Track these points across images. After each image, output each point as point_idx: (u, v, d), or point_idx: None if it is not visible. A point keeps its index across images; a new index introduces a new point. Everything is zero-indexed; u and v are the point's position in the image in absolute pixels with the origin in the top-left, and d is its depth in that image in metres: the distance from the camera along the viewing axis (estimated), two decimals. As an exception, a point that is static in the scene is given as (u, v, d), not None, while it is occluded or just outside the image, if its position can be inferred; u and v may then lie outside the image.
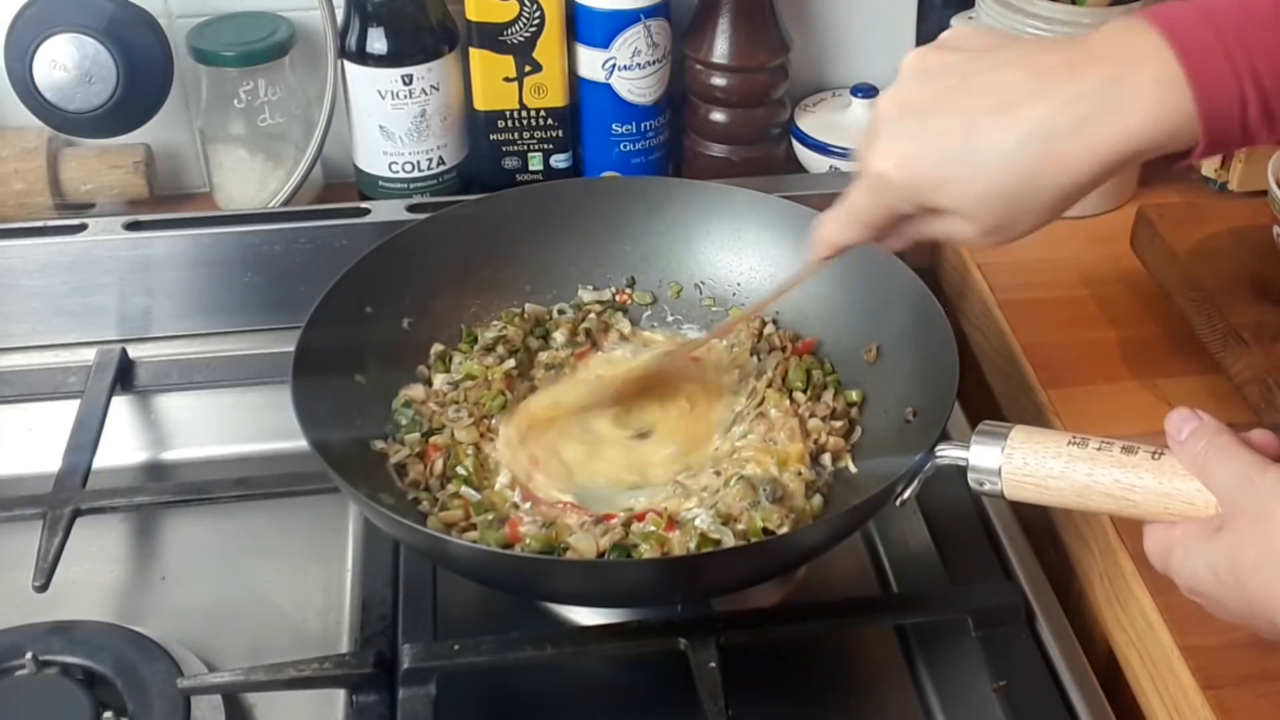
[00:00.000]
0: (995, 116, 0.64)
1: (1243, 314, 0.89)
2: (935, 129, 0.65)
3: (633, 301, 1.00)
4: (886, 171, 0.67)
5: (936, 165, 0.66)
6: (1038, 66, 0.64)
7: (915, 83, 0.68)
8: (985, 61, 0.66)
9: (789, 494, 0.84)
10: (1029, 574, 0.85)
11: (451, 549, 0.76)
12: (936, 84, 0.66)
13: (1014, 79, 0.64)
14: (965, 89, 0.65)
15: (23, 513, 0.88)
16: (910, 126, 0.67)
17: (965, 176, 0.65)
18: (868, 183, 0.69)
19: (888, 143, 0.67)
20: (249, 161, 1.13)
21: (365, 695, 0.77)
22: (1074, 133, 0.62)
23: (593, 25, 1.10)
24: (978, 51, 0.67)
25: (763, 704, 0.81)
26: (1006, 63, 0.65)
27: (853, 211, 0.72)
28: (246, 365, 1.01)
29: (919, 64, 0.68)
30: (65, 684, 0.78)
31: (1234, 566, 0.58)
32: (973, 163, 0.64)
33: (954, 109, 0.65)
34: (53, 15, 1.04)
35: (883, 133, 0.68)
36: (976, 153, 0.64)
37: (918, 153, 0.66)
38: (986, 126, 0.64)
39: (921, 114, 0.66)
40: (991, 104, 0.64)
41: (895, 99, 0.68)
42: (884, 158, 0.67)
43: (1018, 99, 0.63)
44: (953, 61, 0.67)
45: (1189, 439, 0.62)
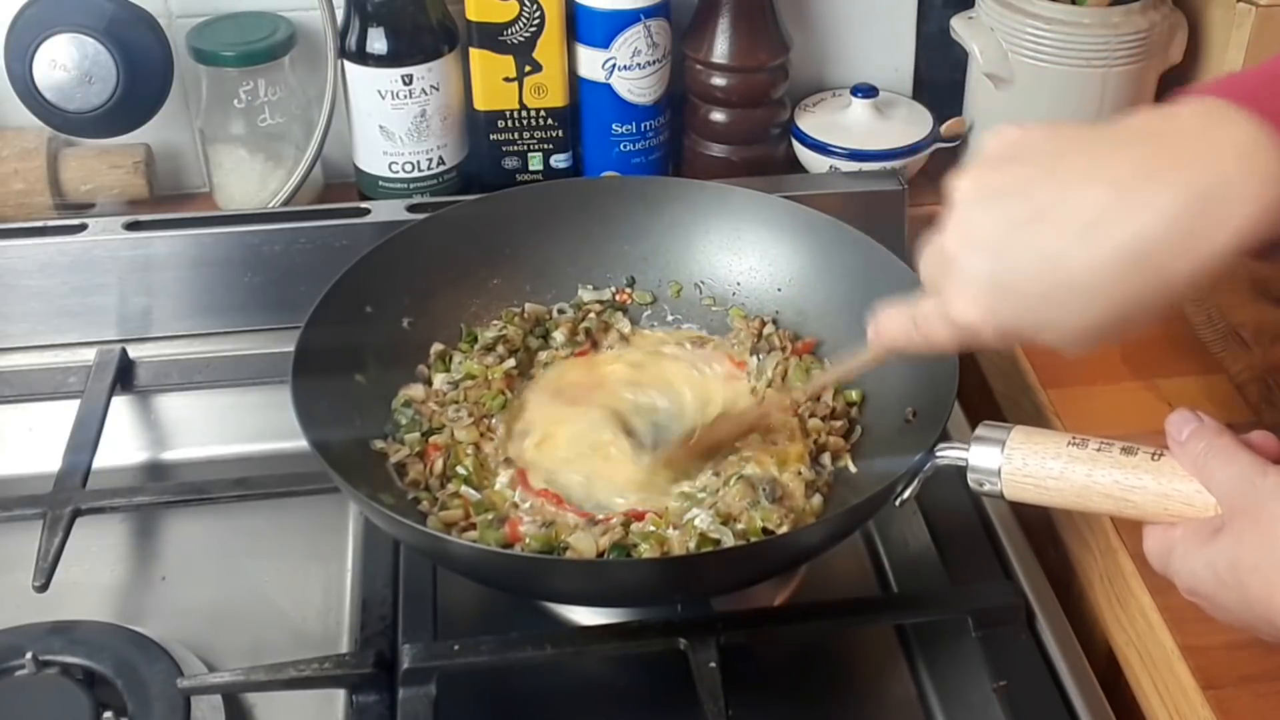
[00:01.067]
0: (1085, 248, 0.57)
1: (1243, 314, 0.89)
2: (1017, 269, 0.59)
3: (633, 301, 1.00)
4: (973, 323, 0.61)
5: (1027, 309, 0.60)
6: (1120, 180, 0.57)
7: (976, 211, 0.61)
8: (1054, 178, 0.59)
9: (789, 494, 0.84)
10: (1029, 574, 0.85)
11: (451, 549, 0.76)
12: (1001, 211, 0.60)
13: (1096, 198, 0.57)
14: (1039, 216, 0.58)
15: (23, 513, 0.88)
16: (987, 268, 0.60)
17: (1061, 314, 0.59)
18: (949, 324, 0.63)
19: (966, 289, 0.61)
20: (249, 161, 1.13)
21: (365, 695, 0.77)
22: (1176, 249, 0.56)
23: (593, 25, 1.10)
24: (1039, 166, 0.60)
25: (763, 704, 0.81)
26: (1080, 178, 0.58)
27: (929, 339, 0.66)
28: (246, 365, 1.01)
29: (974, 187, 0.62)
30: (65, 684, 0.78)
31: (1234, 567, 0.58)
32: (1068, 302, 0.58)
33: (1035, 245, 0.58)
34: (53, 15, 1.04)
35: (957, 274, 0.61)
36: (1071, 291, 0.58)
37: (1004, 299, 0.60)
38: (1077, 262, 0.57)
39: (995, 251, 0.60)
40: (1074, 231, 0.57)
41: (960, 234, 0.61)
42: (967, 308, 0.61)
43: (1103, 221, 0.57)
44: (1015, 182, 0.60)
45: (1189, 440, 0.62)
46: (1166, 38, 1.12)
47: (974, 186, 0.62)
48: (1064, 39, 1.09)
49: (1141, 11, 1.10)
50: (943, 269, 0.63)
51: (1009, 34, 1.12)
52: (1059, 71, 1.10)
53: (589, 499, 0.84)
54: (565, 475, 0.85)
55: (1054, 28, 1.09)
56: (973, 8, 1.17)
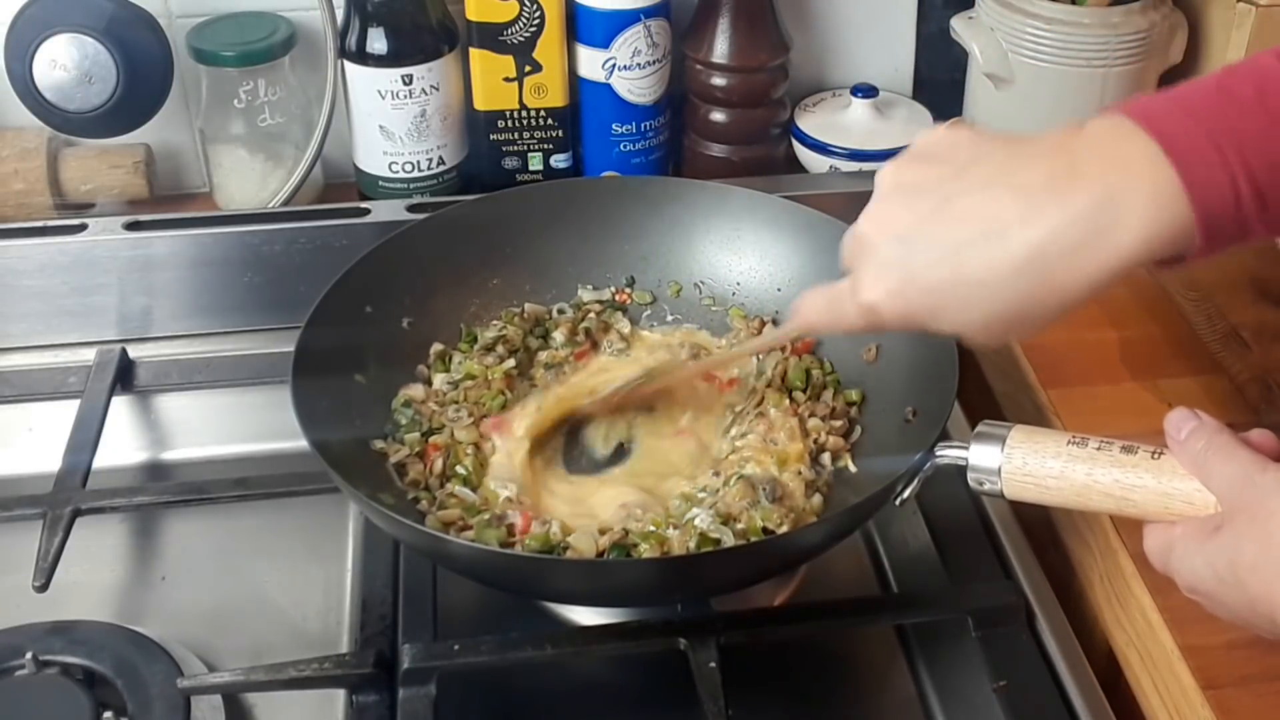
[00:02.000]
0: (983, 245, 0.60)
1: (1243, 314, 0.89)
2: (919, 260, 0.62)
3: (632, 301, 1.00)
4: (877, 304, 0.65)
5: (927, 297, 0.63)
6: (1023, 186, 0.60)
7: (895, 203, 0.64)
8: (965, 180, 0.62)
9: (788, 493, 0.84)
10: (1029, 574, 0.85)
11: (451, 548, 0.76)
12: (917, 205, 0.63)
13: (999, 202, 0.61)
14: (948, 213, 0.62)
15: (23, 513, 0.88)
16: (895, 255, 0.63)
17: (957, 308, 0.62)
18: (856, 306, 0.66)
19: (874, 272, 0.64)
20: (249, 161, 1.13)
21: (365, 695, 0.77)
22: (1069, 257, 0.59)
23: (593, 25, 1.10)
24: (955, 165, 0.63)
25: (763, 704, 0.81)
26: (988, 181, 0.62)
27: (840, 318, 0.69)
28: (246, 365, 1.01)
29: (895, 180, 0.65)
30: (65, 684, 0.78)
31: (1233, 565, 0.58)
32: (964, 295, 0.62)
33: (938, 238, 0.62)
34: (53, 15, 1.04)
35: (867, 259, 0.65)
36: (967, 285, 0.61)
37: (906, 286, 0.63)
38: (975, 258, 0.60)
39: (905, 240, 0.63)
40: (976, 231, 0.60)
41: (876, 221, 0.65)
42: (872, 290, 0.65)
43: (1005, 225, 0.60)
44: (931, 178, 0.63)
45: (1188, 439, 0.62)
46: (1166, 38, 1.12)
47: (895, 178, 0.65)
48: (1064, 39, 1.09)
49: (1141, 11, 1.10)
50: (858, 252, 0.66)
51: (1009, 34, 1.12)
52: (1059, 71, 1.10)
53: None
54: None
55: (1054, 28, 1.09)
56: (973, 8, 1.17)
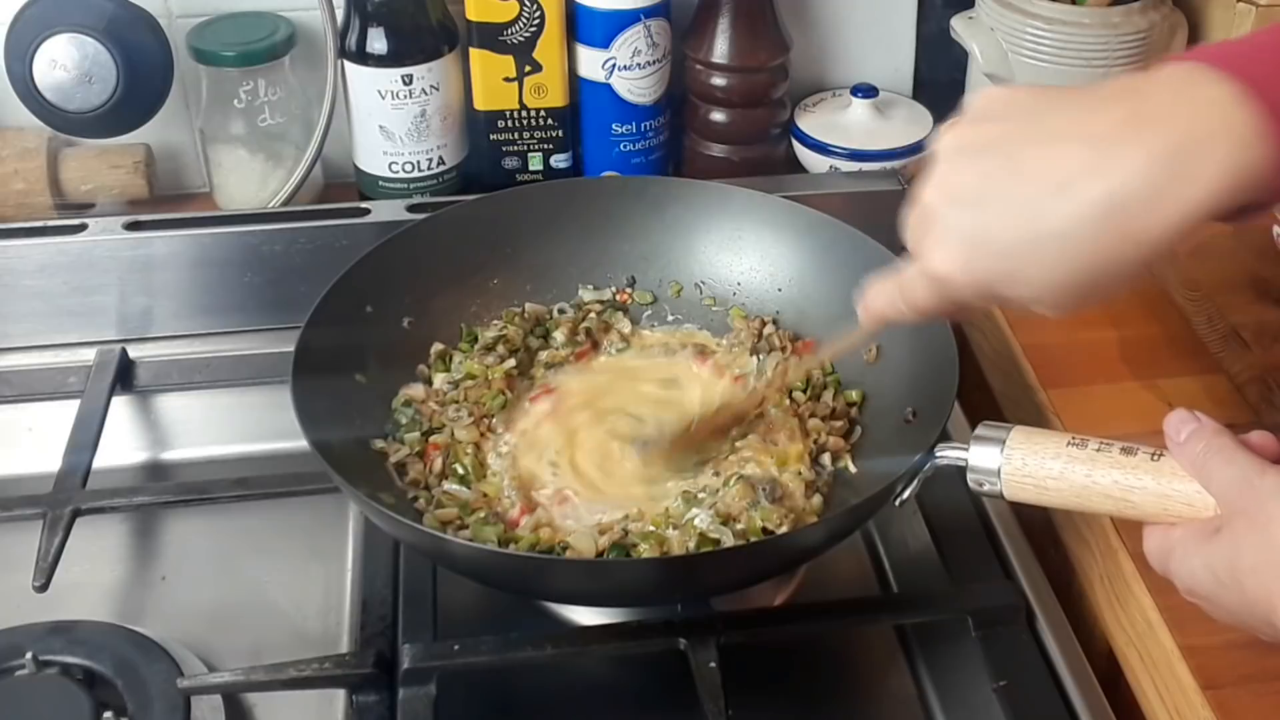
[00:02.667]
0: (1056, 198, 0.58)
1: (1243, 314, 0.89)
2: (994, 221, 0.60)
3: (633, 301, 1.00)
4: (950, 274, 0.62)
5: (1003, 260, 0.60)
6: (1092, 134, 0.58)
7: (957, 166, 0.62)
8: (1031, 133, 0.60)
9: (788, 494, 0.84)
10: (1029, 574, 0.85)
11: (452, 548, 0.76)
12: (982, 165, 0.61)
13: (1071, 154, 0.58)
14: (1018, 170, 0.59)
15: (23, 513, 0.88)
16: (965, 220, 0.61)
17: (1033, 268, 0.60)
18: (929, 281, 0.64)
19: (944, 240, 0.62)
20: (249, 161, 1.13)
21: (365, 695, 0.77)
22: (1149, 205, 0.57)
23: (593, 25, 1.10)
24: (1019, 121, 0.61)
25: (763, 704, 0.81)
26: (1057, 134, 0.59)
27: (910, 299, 0.66)
28: (246, 365, 1.01)
29: (956, 143, 0.62)
30: (65, 684, 0.78)
31: (1233, 568, 0.58)
32: (1039, 253, 0.59)
33: (1007, 194, 0.59)
34: (53, 15, 1.04)
35: (935, 228, 0.62)
36: (1041, 242, 0.59)
37: (980, 250, 0.61)
38: (1048, 211, 0.58)
39: (974, 204, 0.60)
40: (1051, 185, 0.58)
41: (941, 188, 0.62)
42: (944, 259, 0.62)
43: (1080, 176, 0.57)
44: (994, 136, 0.61)
45: (1188, 441, 0.62)
46: (1166, 38, 1.12)
47: (955, 142, 0.63)
48: (1064, 39, 1.09)
49: (1141, 11, 1.10)
50: (923, 225, 0.63)
51: (1009, 34, 1.12)
52: (1059, 71, 1.10)
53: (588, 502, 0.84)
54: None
55: (1054, 28, 1.09)
56: (973, 8, 1.17)
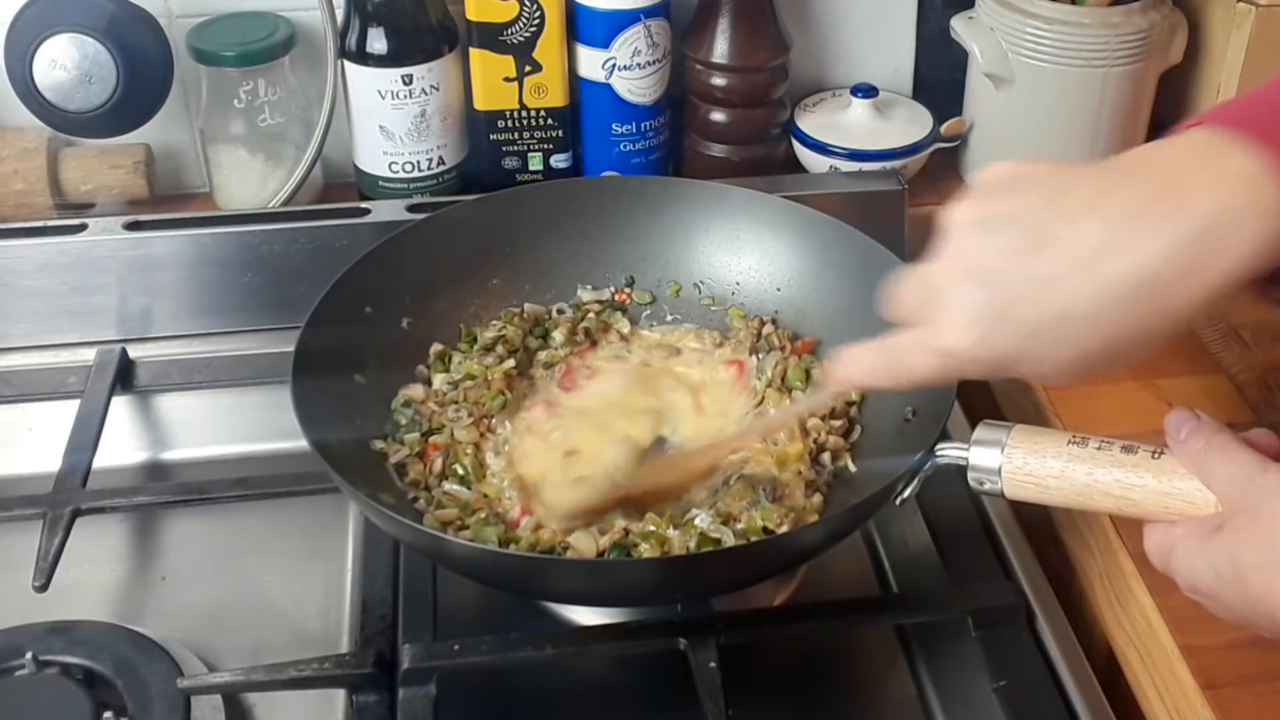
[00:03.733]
0: (1083, 278, 0.57)
1: (1243, 314, 0.89)
2: (1015, 297, 0.58)
3: (632, 301, 1.00)
4: (963, 349, 0.60)
5: (1019, 338, 0.59)
6: (1119, 212, 0.57)
7: (975, 240, 0.60)
8: (1052, 209, 0.59)
9: (789, 493, 0.84)
10: (1029, 574, 0.85)
11: (451, 548, 0.76)
12: (1000, 242, 0.59)
13: (1097, 230, 0.57)
14: (1039, 247, 0.58)
15: (23, 513, 0.88)
16: (982, 295, 0.59)
17: (1052, 346, 0.58)
18: (934, 355, 0.62)
19: (959, 316, 0.60)
20: (249, 161, 1.13)
21: (365, 695, 0.77)
22: (1178, 282, 0.56)
23: (593, 25, 1.10)
24: (1042, 195, 0.59)
25: (763, 704, 0.81)
26: (1079, 211, 0.58)
27: (906, 373, 0.64)
28: (246, 365, 1.01)
29: (973, 218, 0.61)
30: (65, 684, 0.78)
31: (1234, 564, 0.58)
32: (1061, 331, 0.58)
33: (1032, 272, 0.58)
34: (53, 15, 1.04)
35: (949, 302, 0.60)
36: (1066, 320, 0.57)
37: (997, 326, 0.59)
38: (1075, 292, 0.57)
39: (991, 280, 0.59)
40: (1075, 264, 0.57)
41: (956, 262, 0.60)
42: (959, 336, 0.60)
43: (1105, 254, 0.56)
44: (1016, 212, 0.59)
45: (1188, 438, 0.62)
46: (1166, 38, 1.12)
47: (971, 215, 0.61)
48: (1064, 39, 1.09)
49: (1141, 11, 1.10)
50: (931, 298, 0.62)
51: (1009, 34, 1.12)
52: (1059, 71, 1.10)
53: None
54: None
55: (1054, 28, 1.09)
56: (973, 8, 1.16)
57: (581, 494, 0.83)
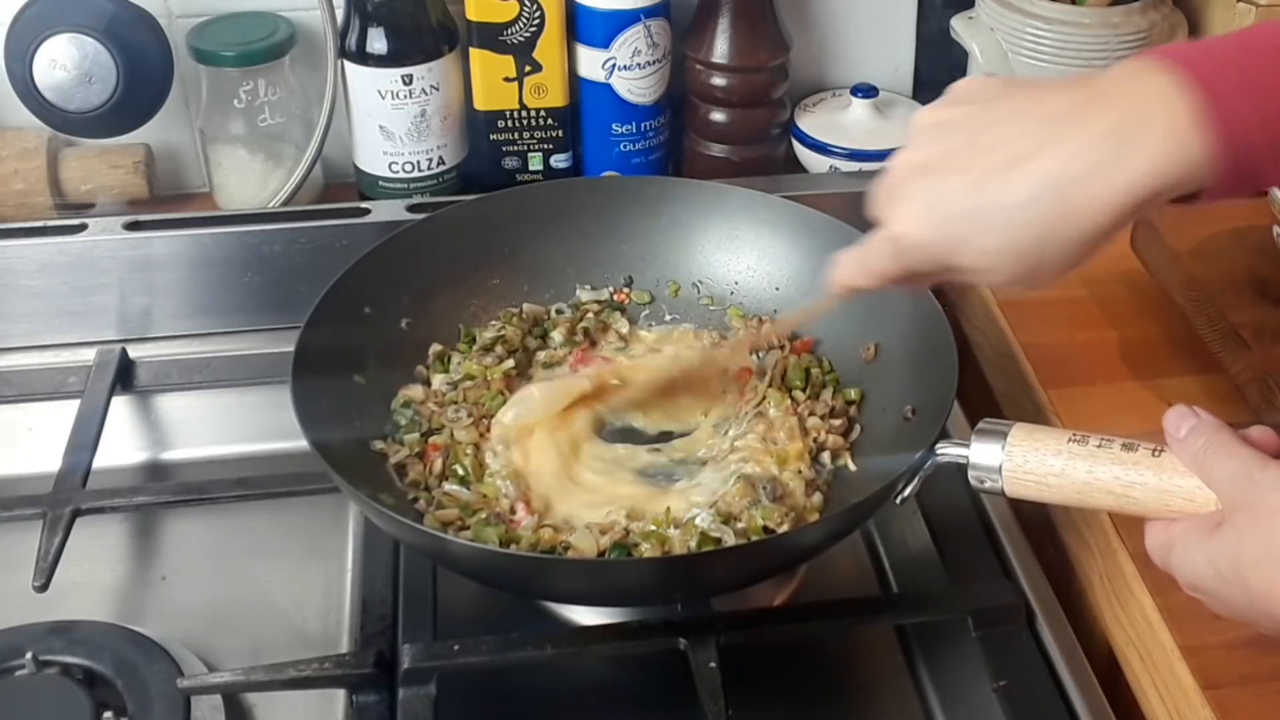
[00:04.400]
0: (1005, 171, 0.62)
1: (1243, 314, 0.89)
2: (947, 189, 0.64)
3: (630, 301, 1.00)
4: (903, 234, 0.66)
5: (951, 225, 0.64)
6: (1044, 114, 0.63)
7: (925, 140, 0.66)
8: (991, 114, 0.64)
9: (789, 492, 0.84)
10: (1029, 574, 0.85)
11: (452, 548, 0.76)
12: (945, 141, 0.65)
13: (1021, 130, 0.63)
14: (974, 145, 0.64)
15: (23, 513, 0.88)
16: (923, 187, 0.65)
17: (980, 235, 0.63)
18: (887, 243, 0.68)
19: (903, 205, 0.66)
20: (249, 161, 1.13)
21: (365, 695, 0.77)
22: (1085, 181, 0.60)
23: (593, 25, 1.10)
24: (984, 103, 0.65)
25: (763, 704, 0.81)
26: (1012, 113, 0.64)
27: (871, 263, 0.70)
28: (246, 365, 1.01)
29: (928, 120, 0.67)
30: (65, 684, 0.78)
31: (1235, 561, 0.58)
32: (986, 221, 0.63)
33: (964, 167, 0.63)
34: (53, 15, 1.04)
35: (896, 194, 0.67)
36: (989, 211, 0.62)
37: (932, 215, 0.65)
38: (997, 183, 0.62)
39: (933, 173, 0.65)
40: (1000, 159, 0.62)
41: (907, 159, 0.67)
42: (899, 220, 0.66)
43: (1026, 151, 0.62)
44: (960, 116, 0.66)
45: (1188, 436, 0.62)
46: (1166, 37, 1.12)
47: (928, 120, 0.67)
48: (1064, 39, 1.09)
49: (1141, 11, 1.10)
50: (889, 190, 0.67)
51: (1009, 34, 1.12)
52: (1059, 71, 1.10)
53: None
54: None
55: (1054, 28, 1.09)
56: (973, 8, 1.17)
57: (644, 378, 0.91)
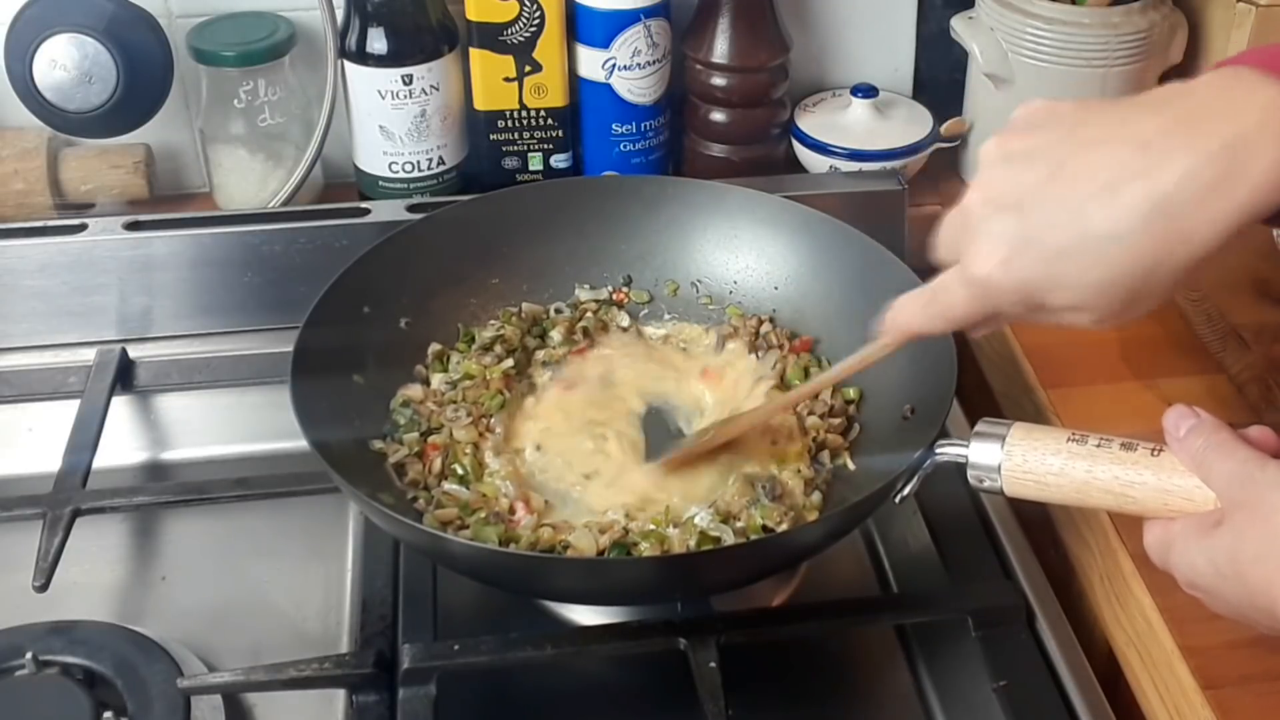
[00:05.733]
0: (1107, 199, 0.58)
1: (1243, 314, 0.89)
2: (1040, 223, 0.60)
3: (629, 300, 1.00)
4: (993, 277, 0.61)
5: (1048, 263, 0.60)
6: (1140, 136, 0.59)
7: (1004, 173, 0.62)
8: (1076, 140, 0.60)
9: (788, 491, 0.84)
10: (1029, 574, 0.85)
11: (451, 547, 0.76)
12: (1027, 173, 0.61)
13: (1118, 155, 0.59)
14: (1063, 174, 0.60)
15: (23, 513, 0.88)
16: (1010, 224, 0.61)
17: (1081, 270, 0.59)
18: (967, 286, 0.63)
19: (988, 244, 0.61)
20: (249, 161, 1.13)
21: (365, 695, 0.77)
22: (1200, 203, 0.57)
23: (593, 25, 1.10)
24: (1063, 129, 0.62)
25: (763, 704, 0.81)
26: (1103, 138, 0.60)
27: (945, 310, 0.66)
28: (246, 365, 1.01)
29: (1001, 152, 0.63)
30: (65, 684, 0.78)
31: (1234, 559, 0.58)
32: (1089, 254, 0.59)
33: (1057, 198, 0.59)
34: (53, 15, 1.04)
35: (979, 233, 0.62)
36: (1091, 242, 0.58)
37: (1024, 252, 0.60)
38: (1099, 212, 0.58)
39: (1018, 207, 0.61)
40: (1098, 186, 0.58)
41: (984, 195, 0.62)
42: (984, 262, 0.61)
43: (1128, 176, 0.58)
44: (1039, 145, 0.62)
45: (1187, 436, 0.62)
46: (1166, 37, 1.12)
47: (999, 149, 0.63)
48: (1064, 39, 1.09)
49: (1141, 11, 1.10)
50: (964, 229, 0.63)
51: (1009, 34, 1.12)
52: (1059, 71, 1.10)
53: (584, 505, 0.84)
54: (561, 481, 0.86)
55: (1054, 28, 1.09)
56: (973, 8, 1.16)
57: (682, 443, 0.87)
